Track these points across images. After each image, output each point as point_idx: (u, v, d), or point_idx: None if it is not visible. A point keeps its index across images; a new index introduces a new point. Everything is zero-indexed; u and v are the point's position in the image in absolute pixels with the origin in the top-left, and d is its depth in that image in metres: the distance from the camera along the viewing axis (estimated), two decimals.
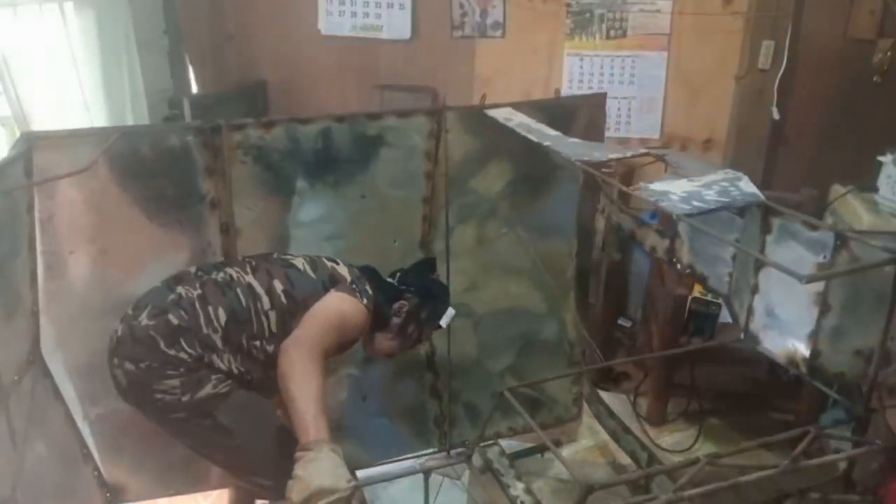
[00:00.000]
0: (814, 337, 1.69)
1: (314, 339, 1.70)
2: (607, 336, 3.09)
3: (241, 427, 1.77)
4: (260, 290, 1.79)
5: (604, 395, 2.86)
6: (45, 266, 1.85)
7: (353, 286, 1.86)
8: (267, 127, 2.01)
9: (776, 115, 3.10)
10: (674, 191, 1.57)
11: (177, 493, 2.25)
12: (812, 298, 1.68)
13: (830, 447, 1.95)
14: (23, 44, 2.55)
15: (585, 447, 2.75)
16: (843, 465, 1.68)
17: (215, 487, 2.29)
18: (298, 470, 1.51)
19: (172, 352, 1.68)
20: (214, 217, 2.04)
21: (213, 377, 1.70)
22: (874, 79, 2.95)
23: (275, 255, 1.95)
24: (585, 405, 2.72)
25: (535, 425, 1.65)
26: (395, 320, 1.96)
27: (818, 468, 1.59)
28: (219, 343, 1.72)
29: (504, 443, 2.52)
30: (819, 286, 1.65)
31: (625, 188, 1.71)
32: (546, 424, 2.66)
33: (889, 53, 2.90)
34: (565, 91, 3.33)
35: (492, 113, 2.14)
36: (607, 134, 3.31)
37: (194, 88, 3.67)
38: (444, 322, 2.03)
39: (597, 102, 2.38)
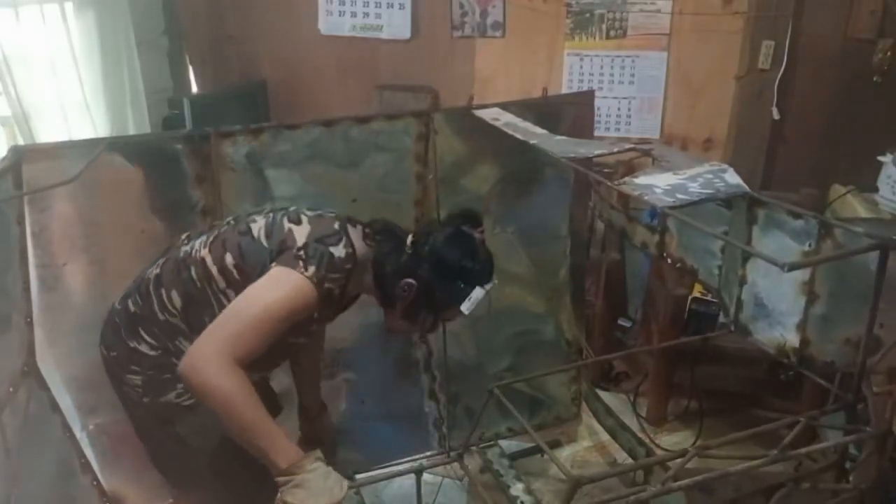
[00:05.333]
0: (802, 326, 1.70)
1: (226, 349, 1.35)
2: (607, 336, 3.09)
3: (202, 446, 1.57)
4: (213, 266, 1.54)
5: (603, 394, 2.86)
6: (39, 278, 1.84)
7: (301, 254, 1.48)
8: (256, 133, 1.99)
9: (776, 115, 3.10)
10: (658, 184, 1.56)
11: (175, 502, 2.25)
12: (799, 288, 1.69)
13: (826, 439, 1.96)
14: (23, 44, 2.56)
15: (585, 447, 2.75)
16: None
17: None
18: (287, 497, 1.34)
19: (133, 343, 1.56)
20: (206, 225, 2.04)
21: (179, 385, 1.49)
22: (874, 79, 2.95)
23: (243, 216, 1.67)
24: (585, 405, 2.72)
25: (524, 422, 1.65)
26: (401, 302, 1.59)
27: (810, 458, 1.60)
28: (184, 327, 1.53)
29: (504, 443, 2.53)
30: (805, 275, 1.66)
31: (609, 183, 1.70)
32: (545, 424, 2.66)
33: (889, 53, 2.90)
34: (566, 91, 3.33)
35: (479, 113, 2.14)
36: (607, 134, 3.34)
37: (194, 88, 3.68)
38: (466, 308, 1.57)
39: (584, 101, 2.38)
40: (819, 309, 1.67)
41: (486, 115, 2.13)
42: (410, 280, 1.57)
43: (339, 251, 1.51)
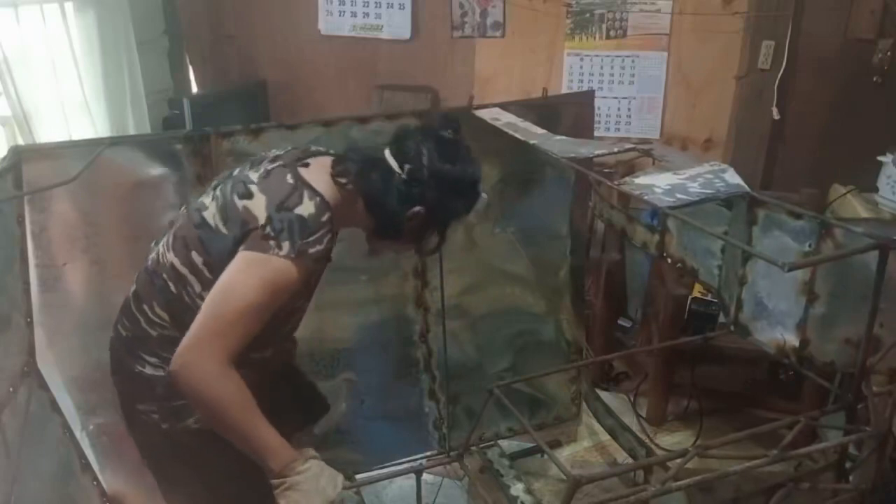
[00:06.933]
0: (802, 326, 1.70)
1: (213, 350, 1.28)
2: (607, 336, 3.09)
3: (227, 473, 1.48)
4: (183, 268, 1.43)
5: (603, 394, 2.86)
6: (39, 278, 1.85)
7: (269, 231, 1.34)
8: (255, 134, 1.99)
9: (776, 115, 3.10)
10: (658, 184, 1.56)
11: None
12: (799, 288, 1.69)
13: (827, 439, 1.96)
14: (23, 44, 2.55)
15: (585, 447, 2.75)
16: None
17: None
18: (281, 501, 1.31)
19: (138, 368, 1.47)
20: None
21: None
22: (874, 79, 2.94)
23: (193, 203, 1.52)
24: (585, 405, 2.72)
25: (524, 422, 1.65)
26: (408, 231, 1.48)
27: (810, 458, 1.60)
28: (175, 334, 1.40)
29: (504, 443, 2.53)
30: (806, 275, 1.66)
31: (609, 183, 1.70)
32: (545, 424, 2.66)
33: (889, 53, 2.89)
34: (566, 91, 3.33)
35: (479, 113, 2.14)
36: (608, 134, 3.34)
37: (194, 88, 3.68)
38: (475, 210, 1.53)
39: (584, 101, 2.38)
40: (819, 309, 1.67)
41: (486, 115, 2.13)
42: (418, 208, 1.44)
43: (306, 209, 1.37)
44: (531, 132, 1.98)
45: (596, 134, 2.56)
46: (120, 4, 3.00)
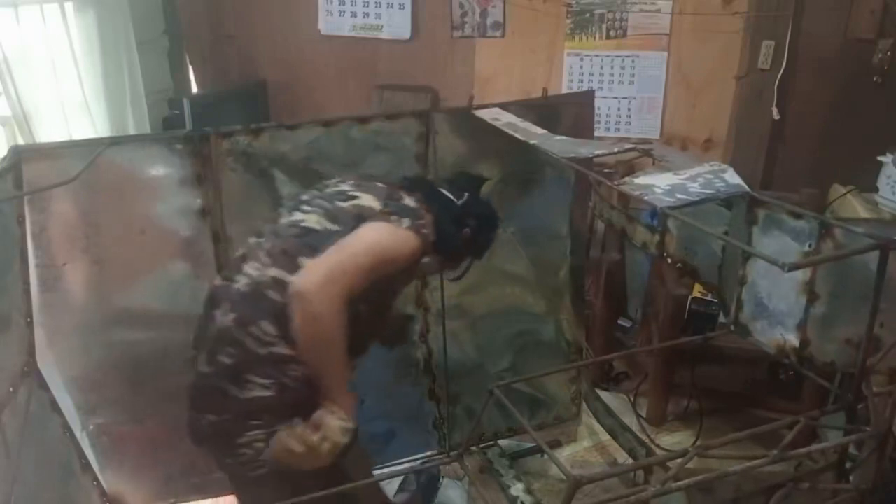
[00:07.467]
0: (802, 326, 1.70)
1: (328, 275, 1.45)
2: (607, 336, 3.09)
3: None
4: (290, 278, 1.52)
5: (604, 394, 2.86)
6: (39, 278, 1.85)
7: (388, 210, 1.60)
8: (255, 133, 1.99)
9: (776, 115, 3.10)
10: (658, 184, 1.56)
11: (176, 501, 2.25)
12: (800, 288, 1.69)
13: (827, 439, 1.95)
14: (23, 44, 2.55)
15: (585, 447, 2.75)
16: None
17: (214, 496, 2.30)
18: (327, 419, 1.52)
19: (247, 394, 1.49)
20: (206, 226, 2.03)
21: (295, 420, 1.53)
22: (874, 79, 2.94)
23: (283, 223, 1.66)
24: (585, 405, 2.72)
25: (524, 421, 1.65)
26: (455, 249, 1.77)
27: (810, 458, 1.60)
28: (285, 351, 1.50)
29: (504, 443, 2.53)
30: (806, 275, 1.66)
31: (609, 183, 1.70)
32: (545, 424, 2.66)
33: (889, 53, 2.89)
34: (566, 91, 3.33)
35: (479, 113, 2.14)
36: (608, 134, 3.34)
37: (194, 88, 3.68)
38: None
39: (585, 101, 2.38)
40: (819, 309, 1.66)
41: (486, 115, 2.13)
42: (467, 229, 1.76)
43: (411, 201, 1.67)
44: (531, 132, 1.98)
45: (596, 134, 2.56)
46: (120, 4, 3.00)
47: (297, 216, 1.65)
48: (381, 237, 1.56)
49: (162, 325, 2.06)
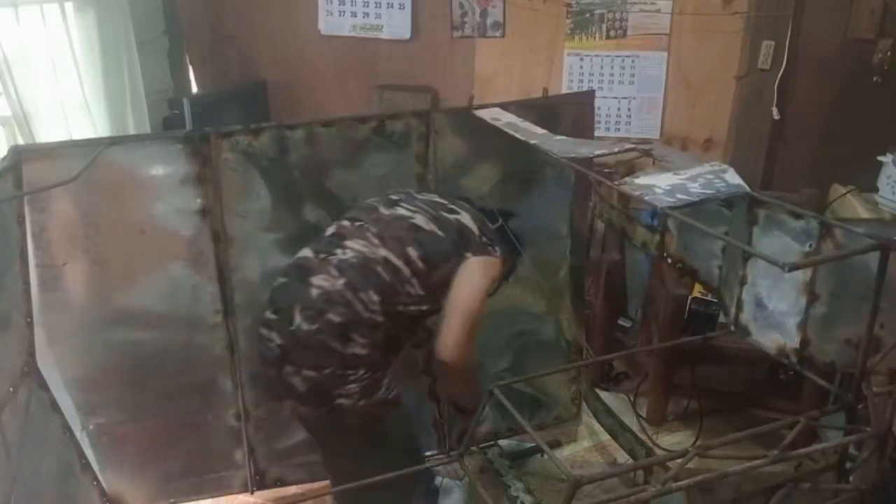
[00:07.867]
0: (803, 327, 1.70)
1: (463, 338, 1.76)
2: (607, 336, 3.09)
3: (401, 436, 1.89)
4: (397, 261, 1.78)
5: (604, 395, 2.86)
6: (39, 278, 1.85)
7: (484, 239, 1.87)
8: (255, 133, 2.00)
9: (776, 115, 3.10)
10: (658, 184, 1.57)
11: (176, 501, 2.25)
12: (800, 288, 1.69)
13: (827, 439, 1.95)
14: (23, 44, 2.55)
15: (585, 447, 2.75)
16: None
17: (214, 495, 2.30)
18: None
19: (350, 350, 1.71)
20: (206, 225, 2.03)
21: (385, 380, 1.77)
22: (874, 79, 2.94)
23: (387, 214, 1.88)
24: (585, 405, 2.72)
25: (523, 422, 1.65)
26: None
27: (810, 458, 1.60)
28: (380, 319, 1.75)
29: (504, 443, 2.53)
30: (806, 275, 1.66)
31: (609, 183, 1.70)
32: (545, 424, 2.66)
33: (889, 53, 2.89)
34: (566, 91, 3.33)
35: (479, 113, 2.14)
36: (607, 134, 3.34)
37: (194, 88, 3.68)
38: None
39: (585, 101, 2.38)
40: (819, 309, 1.66)
41: (486, 115, 2.13)
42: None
43: (492, 227, 1.94)
44: (531, 132, 1.99)
45: (596, 134, 2.56)
46: (120, 4, 3.00)
47: (402, 212, 1.88)
48: (490, 275, 1.83)
49: (162, 324, 2.07)
